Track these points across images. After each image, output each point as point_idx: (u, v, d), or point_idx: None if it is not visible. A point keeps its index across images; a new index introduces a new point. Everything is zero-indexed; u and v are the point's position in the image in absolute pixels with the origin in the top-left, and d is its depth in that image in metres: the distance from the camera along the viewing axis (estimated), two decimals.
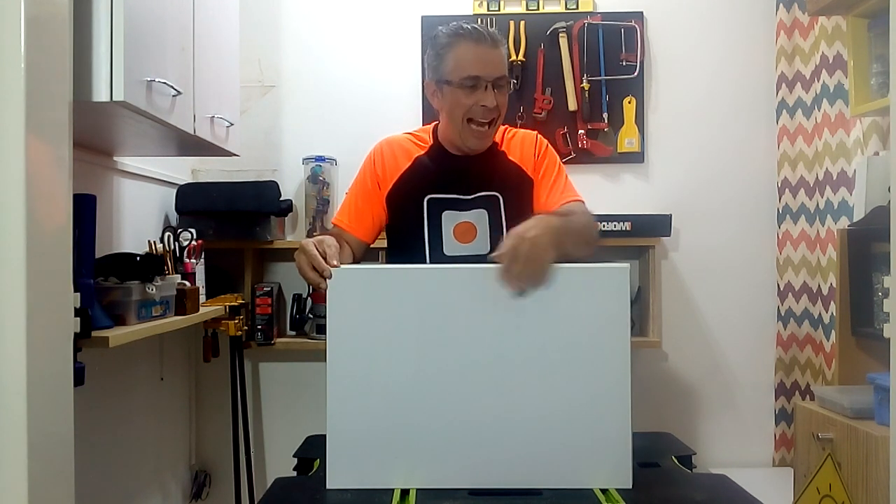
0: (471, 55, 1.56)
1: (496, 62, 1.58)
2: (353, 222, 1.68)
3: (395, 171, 1.68)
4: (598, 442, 1.21)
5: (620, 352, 1.21)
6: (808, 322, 2.49)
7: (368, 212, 1.68)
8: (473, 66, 1.56)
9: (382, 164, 1.69)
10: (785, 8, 2.51)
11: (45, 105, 1.04)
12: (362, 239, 1.68)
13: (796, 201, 2.52)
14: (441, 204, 1.65)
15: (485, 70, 1.56)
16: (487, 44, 1.57)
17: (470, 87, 1.57)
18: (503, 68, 1.59)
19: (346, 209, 1.71)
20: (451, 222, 1.65)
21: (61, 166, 1.08)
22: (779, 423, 2.54)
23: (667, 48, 2.59)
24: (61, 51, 1.10)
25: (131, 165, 2.11)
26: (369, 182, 1.70)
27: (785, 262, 2.53)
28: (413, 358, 1.23)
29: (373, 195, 1.69)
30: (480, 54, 1.56)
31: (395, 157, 1.70)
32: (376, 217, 1.69)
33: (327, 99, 2.62)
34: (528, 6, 2.58)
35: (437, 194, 1.65)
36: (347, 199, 1.73)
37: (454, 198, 1.65)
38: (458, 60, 1.57)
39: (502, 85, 1.59)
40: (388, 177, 1.68)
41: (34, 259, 1.00)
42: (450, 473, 1.22)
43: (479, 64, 1.56)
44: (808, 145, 2.49)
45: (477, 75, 1.56)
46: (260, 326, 2.45)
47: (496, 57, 1.58)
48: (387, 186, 1.68)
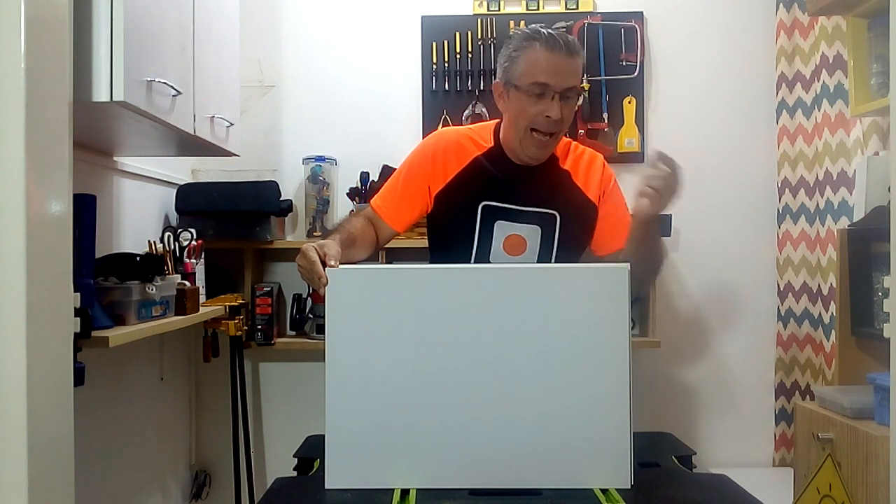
0: (542, 61, 1.50)
1: (568, 72, 1.51)
2: (391, 210, 1.65)
3: (449, 170, 1.63)
4: (597, 442, 1.21)
5: (620, 352, 1.21)
6: (808, 322, 2.49)
7: (409, 204, 1.65)
8: (543, 72, 1.50)
9: (435, 160, 1.63)
10: (785, 8, 2.51)
11: (45, 105, 1.04)
12: (394, 228, 1.65)
13: (796, 201, 2.52)
14: (496, 213, 1.61)
15: (554, 78, 1.49)
16: (561, 52, 1.50)
17: (537, 95, 1.51)
18: (575, 79, 1.52)
19: (387, 195, 1.67)
20: (502, 233, 1.61)
21: (61, 166, 1.08)
22: (779, 423, 2.54)
23: (667, 48, 2.59)
24: (61, 51, 1.10)
25: (131, 165, 2.11)
26: (418, 175, 1.64)
27: (785, 262, 2.53)
28: (412, 358, 1.23)
29: (419, 189, 1.64)
30: (552, 62, 1.50)
31: (451, 154, 1.64)
32: (416, 210, 1.66)
33: (327, 99, 2.62)
34: (528, 6, 2.58)
35: (492, 202, 1.60)
36: (391, 186, 1.68)
37: (511, 208, 1.60)
38: (529, 65, 1.51)
39: (570, 96, 1.53)
40: (440, 174, 1.63)
41: (34, 259, 1.00)
42: (450, 473, 1.21)
43: (549, 71, 1.49)
44: (808, 145, 2.49)
45: (545, 83, 1.50)
46: (260, 326, 2.45)
47: (569, 66, 1.51)
48: (438, 184, 1.63)
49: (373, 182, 2.48)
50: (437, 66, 2.57)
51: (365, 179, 2.50)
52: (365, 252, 1.58)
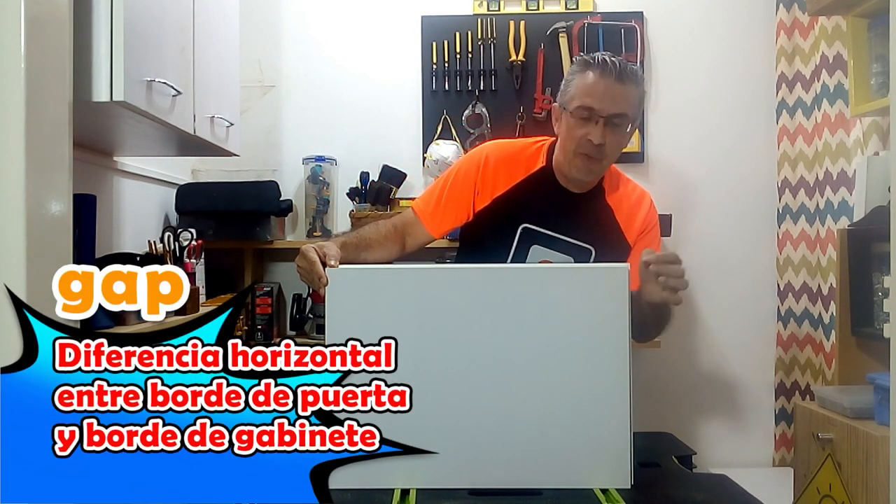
0: (590, 85, 1.49)
1: (615, 97, 1.48)
2: (433, 215, 1.62)
3: (497, 187, 1.61)
4: (597, 442, 1.21)
5: (620, 352, 1.21)
6: (808, 322, 2.49)
7: (452, 211, 1.62)
8: (590, 96, 1.49)
9: (485, 174, 1.62)
10: (785, 8, 2.51)
11: (45, 105, 1.04)
12: (432, 233, 1.63)
13: (796, 201, 2.52)
14: (535, 237, 1.59)
15: (600, 103, 1.48)
16: (611, 77, 1.48)
17: (583, 119, 1.49)
18: (623, 106, 1.49)
19: (430, 199, 1.65)
20: (536, 258, 1.59)
21: (61, 166, 1.08)
22: (779, 423, 2.54)
23: (667, 48, 2.60)
24: (61, 51, 1.10)
25: (131, 165, 2.11)
26: (464, 185, 1.62)
27: (785, 261, 2.53)
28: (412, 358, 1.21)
29: (464, 199, 1.62)
30: (600, 86, 1.48)
31: (501, 171, 1.62)
32: (457, 219, 1.64)
33: (327, 99, 2.62)
34: (528, 6, 2.58)
35: (533, 225, 1.59)
36: (434, 191, 1.66)
37: (550, 235, 1.59)
38: (578, 89, 1.51)
39: (618, 124, 1.50)
40: (488, 190, 1.61)
41: (34, 259, 1.00)
42: (450, 473, 1.21)
43: (595, 95, 1.48)
44: (808, 145, 2.49)
45: (590, 107, 1.48)
46: (260, 326, 2.45)
47: (617, 92, 1.48)
48: (484, 200, 1.61)
49: (373, 182, 2.49)
50: (437, 66, 2.57)
51: (365, 179, 2.51)
52: (383, 256, 1.57)
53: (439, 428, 1.21)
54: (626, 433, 1.21)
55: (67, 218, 1.10)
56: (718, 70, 2.59)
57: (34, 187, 1.00)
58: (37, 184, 1.01)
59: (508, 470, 1.21)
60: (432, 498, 1.18)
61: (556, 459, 1.21)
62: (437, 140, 2.53)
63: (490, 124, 2.56)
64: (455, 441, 1.21)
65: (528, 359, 1.21)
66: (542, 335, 1.21)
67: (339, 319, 1.23)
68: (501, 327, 1.21)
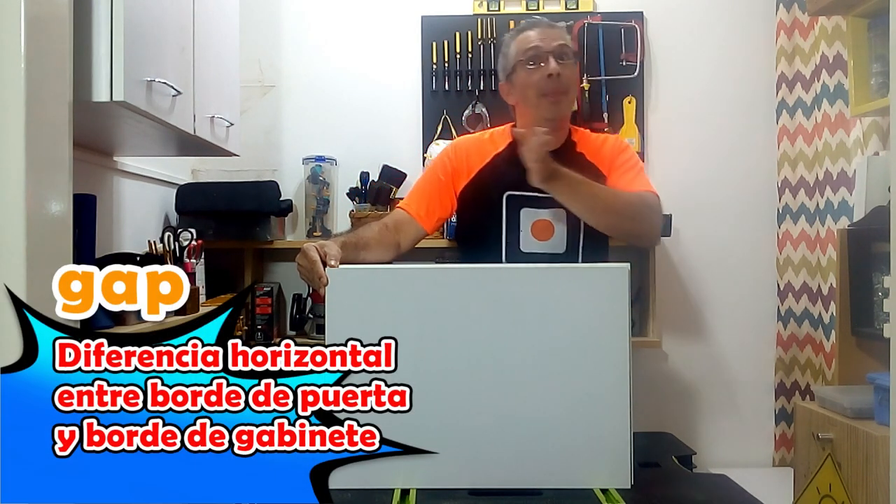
0: (527, 36, 1.66)
1: (553, 35, 1.66)
2: (421, 209, 1.69)
3: (471, 167, 1.71)
4: (597, 442, 1.21)
5: (620, 352, 1.21)
6: (808, 322, 2.49)
7: (437, 202, 1.70)
8: (530, 43, 1.65)
9: (458, 159, 1.72)
10: (785, 8, 2.51)
11: (45, 105, 1.04)
12: (424, 226, 1.69)
13: (796, 201, 2.52)
14: (520, 201, 1.66)
15: (542, 41, 1.63)
16: (543, 24, 1.68)
17: (533, 64, 1.63)
18: (562, 39, 1.66)
19: (414, 196, 1.73)
20: (529, 219, 1.66)
21: (61, 166, 1.09)
22: (779, 423, 2.54)
23: (667, 48, 2.59)
24: (61, 51, 1.10)
25: (131, 165, 2.11)
26: (441, 175, 1.72)
27: (785, 261, 2.53)
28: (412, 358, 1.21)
29: (445, 188, 1.71)
30: (536, 32, 1.66)
31: (472, 153, 1.73)
32: (444, 209, 1.72)
33: (327, 99, 2.62)
34: (528, 6, 2.58)
35: (515, 191, 1.66)
36: (417, 188, 1.76)
37: (533, 195, 1.64)
38: (518, 43, 1.67)
39: (564, 56, 1.64)
40: (463, 172, 1.71)
41: (34, 259, 1.00)
42: (450, 473, 1.21)
43: (535, 39, 1.64)
44: (808, 145, 2.49)
45: (535, 46, 1.63)
46: (260, 326, 2.45)
47: (551, 31, 1.67)
48: (461, 182, 1.71)
49: (373, 182, 2.48)
50: (437, 66, 2.57)
51: (365, 179, 2.50)
52: (381, 255, 1.59)
53: (439, 428, 1.21)
54: (626, 433, 1.21)
55: (67, 218, 1.10)
56: (718, 70, 2.59)
57: (34, 187, 1.00)
58: (37, 184, 1.01)
59: (508, 470, 1.21)
60: (432, 498, 1.18)
61: (556, 459, 1.21)
62: (437, 140, 2.53)
63: (490, 124, 2.55)
64: (455, 441, 1.21)
65: (528, 359, 1.21)
66: (541, 335, 1.21)
67: (339, 319, 1.23)
68: (501, 327, 1.22)
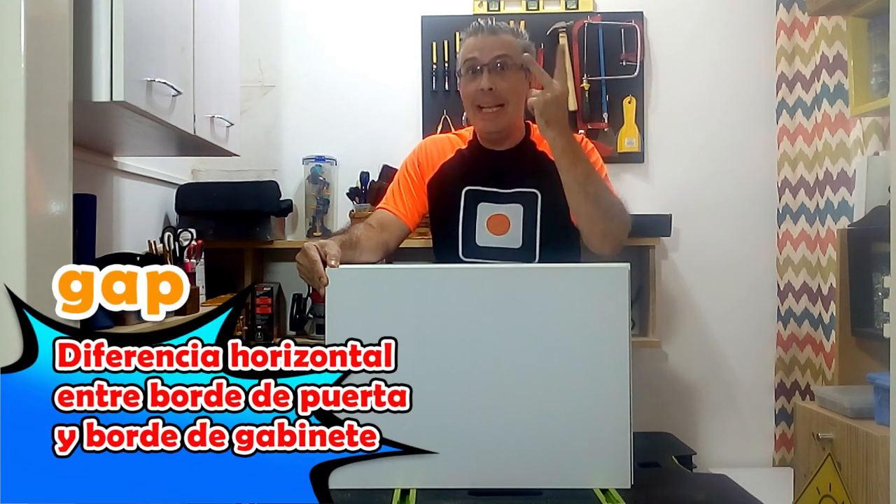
0: (468, 45, 1.68)
1: (492, 45, 1.65)
2: (401, 207, 1.74)
3: (436, 162, 1.77)
4: (597, 442, 1.21)
5: (620, 352, 1.21)
6: (808, 322, 2.49)
7: (410, 196, 1.75)
8: (469, 52, 1.66)
9: (425, 155, 1.78)
10: (785, 8, 2.51)
11: (45, 105, 1.04)
12: (404, 221, 1.73)
13: (796, 201, 2.52)
14: (478, 196, 1.71)
15: (480, 52, 1.64)
16: (484, 32, 1.67)
17: (470, 75, 1.65)
18: (501, 50, 1.64)
19: (392, 196, 1.78)
20: (485, 214, 1.70)
21: (61, 166, 1.09)
22: (779, 423, 2.54)
23: (667, 48, 2.59)
24: (61, 51, 1.10)
25: (131, 165, 2.11)
26: (411, 171, 1.78)
27: (785, 262, 2.53)
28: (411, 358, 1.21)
29: (415, 182, 1.76)
30: (476, 41, 1.66)
31: (437, 149, 1.79)
32: (418, 203, 1.76)
33: (327, 99, 2.62)
34: (528, 6, 2.58)
35: (475, 186, 1.71)
36: (392, 189, 1.80)
37: (491, 191, 1.71)
38: (463, 50, 1.70)
39: (502, 67, 1.63)
40: (429, 166, 1.77)
41: (34, 259, 1.00)
42: (450, 473, 1.21)
43: (474, 49, 1.66)
44: (808, 145, 2.49)
45: (472, 57, 1.65)
46: (260, 326, 2.45)
47: (491, 41, 1.65)
48: (428, 175, 1.76)
49: (373, 182, 2.48)
50: (437, 66, 2.57)
51: (365, 179, 2.50)
52: (371, 255, 1.61)
53: (439, 428, 1.21)
54: (626, 433, 1.21)
55: (67, 218, 1.10)
56: (718, 70, 2.58)
57: (34, 187, 1.00)
58: (37, 184, 1.01)
59: (508, 470, 1.21)
60: (432, 498, 1.18)
61: (556, 459, 1.21)
62: None
63: None
64: (455, 441, 1.21)
65: (527, 358, 1.21)
66: (541, 335, 1.21)
67: (339, 319, 1.23)
68: (501, 327, 1.21)
